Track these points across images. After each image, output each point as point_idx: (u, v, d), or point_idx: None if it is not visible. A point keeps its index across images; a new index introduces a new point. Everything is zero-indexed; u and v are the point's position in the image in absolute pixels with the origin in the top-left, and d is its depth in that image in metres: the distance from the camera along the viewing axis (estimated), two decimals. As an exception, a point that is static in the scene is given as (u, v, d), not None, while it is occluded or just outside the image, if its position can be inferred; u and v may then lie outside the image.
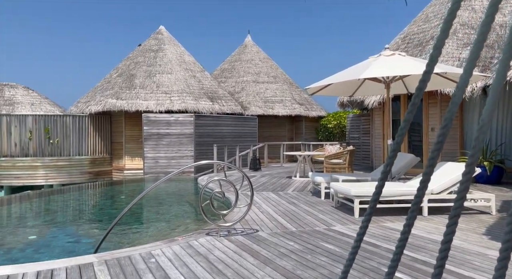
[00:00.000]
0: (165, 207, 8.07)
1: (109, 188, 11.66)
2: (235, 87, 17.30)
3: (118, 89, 13.83)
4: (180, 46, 16.11)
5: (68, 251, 4.94)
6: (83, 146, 13.44)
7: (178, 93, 14.19)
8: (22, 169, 12.47)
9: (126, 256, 3.63)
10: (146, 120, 12.93)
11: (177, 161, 13.11)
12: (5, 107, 14.47)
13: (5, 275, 3.11)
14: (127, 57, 16.00)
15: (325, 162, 8.96)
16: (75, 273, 3.18)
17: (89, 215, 7.71)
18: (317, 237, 4.19)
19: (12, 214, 8.04)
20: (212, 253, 3.69)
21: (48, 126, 12.84)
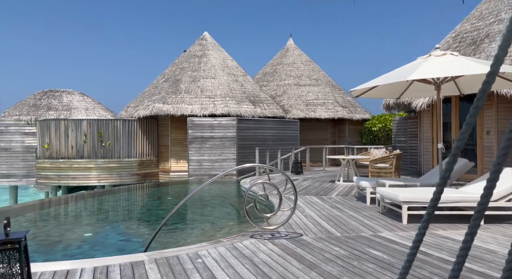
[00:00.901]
0: (209, 208, 8.25)
1: (156, 190, 12.12)
2: (276, 90, 17.35)
3: (164, 94, 14.38)
4: (223, 51, 16.44)
5: (120, 249, 5.20)
6: (132, 149, 14.09)
7: (221, 97, 14.48)
8: (78, 170, 13.33)
9: (174, 256, 3.76)
10: (190, 124, 13.32)
11: (220, 164, 13.35)
12: (63, 112, 15.56)
13: (65, 270, 3.34)
14: (173, 63, 16.59)
15: (370, 166, 8.72)
16: (128, 270, 3.35)
17: (138, 215, 8.06)
18: (364, 243, 4.09)
19: (69, 213, 8.59)
20: (257, 256, 3.72)
21: (101, 130, 13.63)
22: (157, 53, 78.52)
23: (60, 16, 73.57)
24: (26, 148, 13.73)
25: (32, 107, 15.28)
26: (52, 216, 8.04)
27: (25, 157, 13.67)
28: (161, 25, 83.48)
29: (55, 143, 13.41)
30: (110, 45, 77.44)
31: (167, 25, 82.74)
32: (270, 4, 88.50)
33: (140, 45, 79.79)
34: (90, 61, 75.82)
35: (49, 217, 7.89)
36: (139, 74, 77.62)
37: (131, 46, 78.98)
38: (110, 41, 77.41)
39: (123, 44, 77.37)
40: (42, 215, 8.06)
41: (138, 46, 79.45)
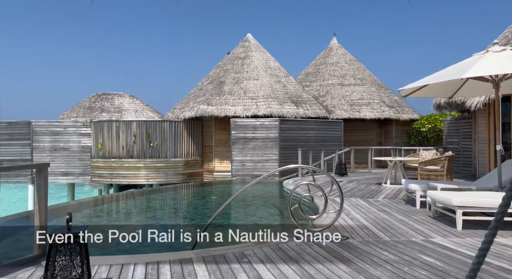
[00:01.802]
0: (253, 208, 8.31)
1: (201, 189, 12.43)
2: (319, 90, 17.12)
3: (209, 96, 14.71)
4: (266, 52, 16.52)
5: (168, 246, 5.39)
6: (178, 149, 14.56)
7: (263, 98, 14.55)
8: (128, 170, 14.00)
9: (221, 254, 3.84)
10: (233, 125, 13.51)
11: (263, 165, 13.42)
12: (115, 114, 16.45)
13: (120, 264, 3.52)
14: (217, 65, 16.93)
15: (419, 168, 8.34)
16: (177, 267, 3.46)
17: (184, 214, 8.31)
18: (414, 249, 3.92)
19: (120, 210, 9.05)
20: (303, 257, 3.70)
21: (149, 131, 14.22)
22: (202, 56, 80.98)
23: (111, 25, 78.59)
24: (82, 148, 14.65)
25: (88, 109, 16.30)
26: (105, 212, 8.51)
27: (81, 156, 14.59)
28: (206, 29, 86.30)
29: (107, 143, 14.19)
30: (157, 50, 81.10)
31: (211, 28, 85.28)
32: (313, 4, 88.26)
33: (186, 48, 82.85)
34: (139, 65, 79.88)
35: (103, 213, 8.36)
36: (185, 77, 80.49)
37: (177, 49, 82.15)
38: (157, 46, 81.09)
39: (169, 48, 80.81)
40: (96, 211, 8.54)
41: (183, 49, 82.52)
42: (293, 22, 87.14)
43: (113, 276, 3.21)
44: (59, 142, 14.54)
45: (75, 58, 79.88)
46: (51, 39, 79.60)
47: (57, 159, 14.33)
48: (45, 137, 14.48)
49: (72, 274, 2.80)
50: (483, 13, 77.52)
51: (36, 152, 14.37)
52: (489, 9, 75.66)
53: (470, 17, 79.71)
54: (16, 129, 14.42)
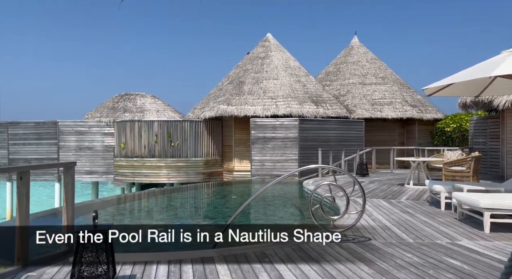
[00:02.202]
0: (272, 208, 8.31)
1: (221, 188, 12.51)
2: (340, 90, 16.94)
3: (228, 96, 14.79)
4: (286, 51, 16.46)
5: (189, 244, 5.46)
6: (198, 149, 14.70)
7: (283, 98, 14.51)
8: (150, 169, 14.25)
9: (242, 254, 3.86)
10: (253, 125, 13.53)
11: (282, 165, 13.39)
12: (137, 114, 16.76)
13: (143, 262, 3.59)
14: (237, 65, 17.00)
15: (444, 169, 8.12)
16: (199, 265, 3.50)
17: (205, 212, 8.39)
18: (440, 251, 3.82)
19: (142, 208, 9.21)
20: (324, 258, 3.67)
21: (170, 131, 14.42)
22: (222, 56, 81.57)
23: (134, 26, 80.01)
24: (106, 147, 15.00)
25: (111, 110, 16.67)
26: (128, 210, 8.69)
27: (104, 155, 14.95)
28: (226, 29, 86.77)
29: (130, 143, 14.48)
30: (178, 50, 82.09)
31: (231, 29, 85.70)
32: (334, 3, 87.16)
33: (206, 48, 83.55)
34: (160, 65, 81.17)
35: (126, 211, 8.53)
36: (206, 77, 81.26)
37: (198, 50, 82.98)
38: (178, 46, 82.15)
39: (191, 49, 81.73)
40: (119, 209, 8.73)
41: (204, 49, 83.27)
42: (313, 21, 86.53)
43: (137, 273, 3.27)
44: (84, 141, 14.95)
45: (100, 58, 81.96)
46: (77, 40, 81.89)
47: (82, 158, 14.73)
48: (71, 136, 14.91)
49: (98, 270, 2.88)
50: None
51: (62, 151, 14.81)
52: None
53: (497, 16, 77.11)
54: (43, 129, 14.91)
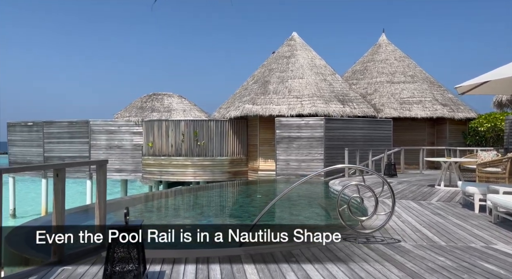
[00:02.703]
0: (298, 208, 8.26)
1: (246, 187, 12.56)
2: (367, 88, 16.62)
3: (254, 95, 14.83)
4: (311, 50, 16.32)
5: (216, 242, 5.52)
6: (224, 148, 14.83)
7: (308, 97, 14.40)
8: (176, 167, 14.50)
9: (268, 253, 3.86)
10: (278, 124, 13.51)
11: (307, 164, 13.29)
12: (165, 113, 17.11)
13: (172, 258, 3.66)
14: (262, 64, 17.01)
15: (477, 170, 7.81)
16: (227, 263, 3.53)
17: (230, 211, 8.46)
18: (474, 255, 3.69)
19: (170, 206, 9.39)
20: (352, 259, 3.62)
21: (196, 130, 14.62)
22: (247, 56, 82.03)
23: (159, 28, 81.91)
24: (134, 146, 15.39)
25: (139, 109, 17.09)
26: (155, 208, 8.88)
27: (133, 154, 15.34)
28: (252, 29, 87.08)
29: (157, 142, 14.79)
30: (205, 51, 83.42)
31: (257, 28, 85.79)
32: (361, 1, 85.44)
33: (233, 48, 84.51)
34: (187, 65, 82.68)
35: (153, 208, 8.73)
36: (232, 77, 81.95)
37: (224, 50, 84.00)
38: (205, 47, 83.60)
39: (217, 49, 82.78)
40: (148, 207, 8.93)
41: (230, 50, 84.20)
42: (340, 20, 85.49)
43: (166, 270, 3.34)
44: (114, 140, 15.39)
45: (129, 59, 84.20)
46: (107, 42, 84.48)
47: (112, 156, 15.17)
48: (101, 135, 15.39)
49: (130, 265, 2.96)
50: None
51: (93, 149, 15.32)
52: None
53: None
54: (75, 128, 15.47)
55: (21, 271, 3.19)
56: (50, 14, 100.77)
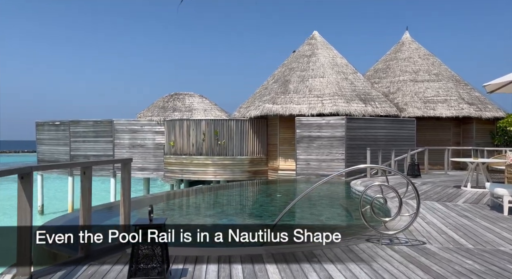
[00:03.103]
0: (319, 208, 8.20)
1: (266, 187, 12.56)
2: (389, 87, 16.31)
3: (274, 95, 14.81)
4: (332, 49, 16.15)
5: (237, 241, 5.54)
6: (244, 147, 14.88)
7: (329, 96, 14.26)
8: (197, 166, 14.65)
9: (290, 253, 3.84)
10: (298, 124, 13.44)
11: (328, 164, 13.17)
12: (186, 113, 17.32)
13: (194, 256, 3.70)
14: (282, 64, 16.97)
15: (506, 171, 7.54)
16: (248, 262, 3.54)
17: (251, 210, 8.47)
18: (503, 259, 3.56)
19: (191, 204, 9.49)
20: (375, 261, 3.56)
21: (217, 129, 14.73)
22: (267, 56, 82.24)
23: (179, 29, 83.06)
24: (156, 145, 15.65)
25: (161, 109, 17.37)
26: (177, 206, 9.00)
27: (155, 153, 15.60)
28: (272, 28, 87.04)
29: (179, 141, 14.99)
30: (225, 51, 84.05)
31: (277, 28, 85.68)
32: None
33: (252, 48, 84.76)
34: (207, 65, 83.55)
35: (175, 206, 8.85)
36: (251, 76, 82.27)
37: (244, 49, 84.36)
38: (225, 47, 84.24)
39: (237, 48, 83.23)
40: (169, 205, 9.06)
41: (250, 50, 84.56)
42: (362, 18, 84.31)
43: (189, 268, 3.38)
44: (136, 139, 15.69)
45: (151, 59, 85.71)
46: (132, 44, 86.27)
47: (135, 155, 15.47)
48: (125, 134, 15.72)
49: (154, 262, 3.01)
50: None
51: (117, 148, 15.67)
52: None
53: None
54: (100, 127, 15.86)
55: (50, 266, 3.30)
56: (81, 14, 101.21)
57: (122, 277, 3.07)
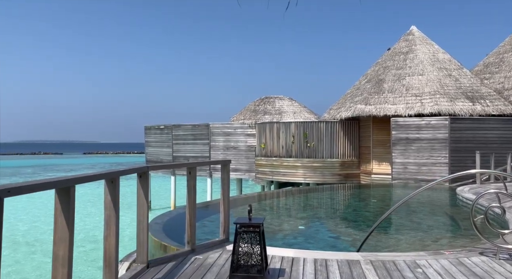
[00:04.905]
0: (419, 215, 7.62)
1: (358, 191, 12.11)
2: (503, 83, 14.41)
3: (366, 95, 14.22)
4: (433, 44, 14.90)
5: (331, 245, 5.45)
6: (334, 150, 14.57)
7: (430, 95, 13.16)
8: (287, 168, 14.81)
9: (390, 261, 3.64)
10: (394, 125, 12.68)
11: (428, 168, 12.15)
12: (276, 116, 17.69)
13: (290, 257, 3.74)
14: (376, 62, 16.21)
15: None
16: (345, 267, 3.45)
17: (344, 214, 8.25)
18: None
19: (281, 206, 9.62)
20: (492, 276, 3.17)
21: (306, 131, 14.70)
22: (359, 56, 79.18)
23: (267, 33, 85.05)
24: (248, 147, 16.26)
25: (253, 112, 18.01)
26: (268, 206, 9.21)
27: (247, 154, 16.22)
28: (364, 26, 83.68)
29: (269, 143, 15.34)
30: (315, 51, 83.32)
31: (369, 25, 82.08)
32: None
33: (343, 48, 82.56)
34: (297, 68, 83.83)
35: (267, 207, 9.06)
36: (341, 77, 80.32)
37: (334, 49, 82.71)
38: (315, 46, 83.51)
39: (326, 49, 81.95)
40: (261, 205, 9.32)
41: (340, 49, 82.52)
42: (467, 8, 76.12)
43: (286, 268, 3.43)
44: (230, 141, 16.51)
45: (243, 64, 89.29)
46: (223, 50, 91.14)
47: (228, 156, 16.29)
48: (219, 137, 16.67)
49: (253, 260, 3.13)
50: None
51: (212, 150, 16.70)
52: None
53: None
54: (198, 130, 17.09)
55: (162, 257, 3.66)
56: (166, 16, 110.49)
57: (224, 273, 3.25)
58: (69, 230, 2.15)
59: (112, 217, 2.74)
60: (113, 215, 2.74)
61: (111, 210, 2.74)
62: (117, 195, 2.78)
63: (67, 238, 2.14)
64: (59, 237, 2.15)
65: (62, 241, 2.14)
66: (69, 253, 2.15)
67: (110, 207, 2.74)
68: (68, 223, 2.16)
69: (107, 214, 2.75)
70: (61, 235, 2.15)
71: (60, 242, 2.14)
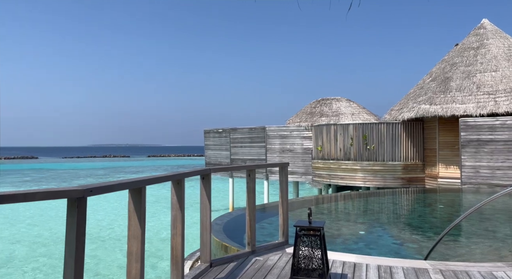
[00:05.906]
0: (495, 223, 6.99)
1: (424, 196, 11.43)
2: None
3: (431, 94, 13.40)
4: (508, 37, 13.64)
5: (394, 252, 5.21)
6: (396, 152, 13.90)
7: (505, 92, 12.04)
8: (345, 171, 14.42)
9: (463, 271, 3.40)
10: (463, 125, 11.78)
11: (504, 172, 11.11)
12: (333, 117, 17.33)
13: (352, 262, 3.64)
14: (442, 59, 15.23)
15: None
16: (412, 275, 3.28)
17: (408, 220, 7.84)
18: None
19: (340, 210, 9.39)
20: None
21: (366, 133, 14.20)
22: (422, 53, 74.68)
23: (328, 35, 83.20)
24: (304, 150, 16.11)
25: (309, 115, 17.83)
26: (326, 210, 9.03)
27: (303, 157, 16.08)
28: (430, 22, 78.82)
29: (326, 146, 15.07)
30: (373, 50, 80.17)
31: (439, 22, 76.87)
32: None
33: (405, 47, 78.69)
34: (356, 65, 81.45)
35: (325, 211, 8.90)
36: (404, 77, 76.45)
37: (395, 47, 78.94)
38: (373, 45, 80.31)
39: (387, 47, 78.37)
40: (319, 209, 9.17)
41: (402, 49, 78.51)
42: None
43: (348, 273, 3.35)
44: (286, 144, 16.49)
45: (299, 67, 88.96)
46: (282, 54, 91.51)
47: (284, 159, 16.28)
48: (275, 140, 16.73)
49: (314, 263, 3.09)
50: None
51: (269, 153, 16.81)
52: None
53: None
54: (254, 133, 17.32)
55: (224, 256, 3.76)
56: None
57: (284, 275, 3.25)
58: (141, 228, 2.30)
59: (178, 217, 2.88)
60: (179, 215, 2.88)
61: (177, 210, 2.88)
62: (182, 196, 2.91)
63: (139, 235, 2.29)
64: (132, 234, 2.31)
65: (135, 238, 2.30)
66: (142, 249, 2.30)
67: (177, 207, 2.88)
68: (140, 221, 2.31)
69: (174, 214, 2.90)
70: (134, 233, 2.30)
71: (133, 239, 2.30)
